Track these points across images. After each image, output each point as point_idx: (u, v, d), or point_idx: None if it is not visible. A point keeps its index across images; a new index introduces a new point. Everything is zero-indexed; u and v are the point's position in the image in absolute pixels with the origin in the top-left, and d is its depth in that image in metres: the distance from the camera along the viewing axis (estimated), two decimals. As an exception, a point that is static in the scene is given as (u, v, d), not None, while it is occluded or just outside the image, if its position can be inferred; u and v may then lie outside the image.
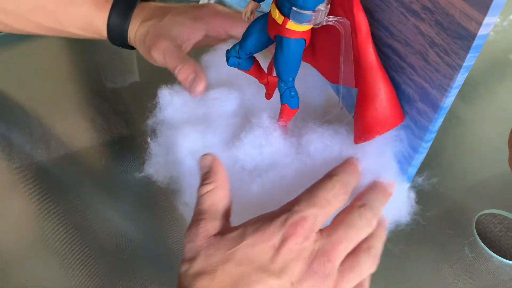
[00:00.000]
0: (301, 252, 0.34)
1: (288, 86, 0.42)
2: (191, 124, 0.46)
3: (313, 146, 0.44)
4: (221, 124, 0.46)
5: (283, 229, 0.34)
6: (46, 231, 0.52)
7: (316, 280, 0.34)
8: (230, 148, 0.44)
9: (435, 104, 0.37)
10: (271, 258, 0.34)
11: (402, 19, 0.38)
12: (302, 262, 0.34)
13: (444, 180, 0.60)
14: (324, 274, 0.34)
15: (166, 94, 0.49)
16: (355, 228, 0.37)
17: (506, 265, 0.52)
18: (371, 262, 0.38)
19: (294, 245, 0.34)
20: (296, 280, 0.34)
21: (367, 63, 0.39)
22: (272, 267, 0.33)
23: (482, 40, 0.32)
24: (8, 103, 0.67)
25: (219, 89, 0.49)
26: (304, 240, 0.34)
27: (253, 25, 0.43)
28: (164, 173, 0.47)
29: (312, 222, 0.35)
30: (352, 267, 0.36)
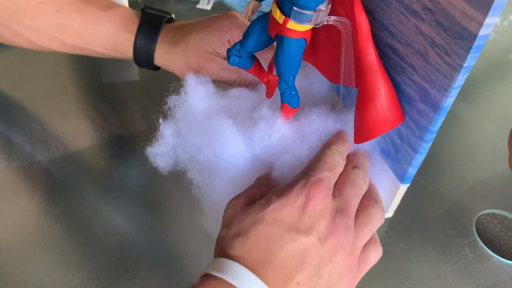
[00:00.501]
0: (324, 209, 0.38)
1: (289, 85, 0.42)
2: (216, 114, 0.48)
3: (315, 124, 0.46)
4: (242, 117, 0.48)
5: (305, 191, 0.38)
6: (46, 231, 0.52)
7: (339, 233, 0.37)
8: (247, 139, 0.46)
9: (436, 104, 0.37)
10: (298, 218, 0.37)
11: (403, 19, 0.38)
12: (325, 218, 0.37)
13: (444, 180, 0.60)
14: (346, 227, 0.38)
15: (192, 81, 0.51)
16: (358, 185, 0.41)
17: (506, 265, 0.52)
18: (380, 215, 0.42)
19: (317, 204, 0.37)
20: (322, 235, 0.37)
21: (368, 63, 0.39)
22: (300, 226, 0.36)
23: (482, 41, 0.32)
24: (8, 103, 0.67)
25: (241, 88, 0.52)
26: (324, 198, 0.38)
27: (254, 24, 0.43)
28: (170, 155, 0.49)
29: (327, 182, 0.39)
30: (365, 222, 0.40)
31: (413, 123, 0.41)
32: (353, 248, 0.38)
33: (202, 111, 0.49)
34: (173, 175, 0.58)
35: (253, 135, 0.45)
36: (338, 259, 0.37)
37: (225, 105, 0.50)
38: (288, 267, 0.35)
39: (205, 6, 0.87)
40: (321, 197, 0.38)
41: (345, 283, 0.38)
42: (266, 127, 0.45)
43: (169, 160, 0.49)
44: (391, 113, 0.40)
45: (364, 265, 0.40)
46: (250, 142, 0.45)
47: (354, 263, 0.38)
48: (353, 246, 0.38)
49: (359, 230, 0.39)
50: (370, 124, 0.41)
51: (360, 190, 0.42)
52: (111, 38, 0.60)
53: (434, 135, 0.40)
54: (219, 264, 0.35)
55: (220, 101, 0.50)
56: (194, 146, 0.47)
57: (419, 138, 0.41)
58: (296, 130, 0.46)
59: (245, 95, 0.51)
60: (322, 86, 0.52)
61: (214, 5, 0.87)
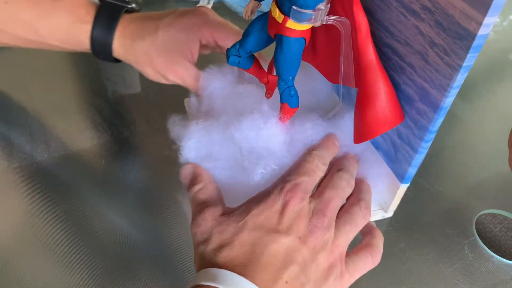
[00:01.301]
0: (300, 211, 0.39)
1: (288, 85, 0.42)
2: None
3: (307, 133, 0.46)
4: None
5: (282, 195, 0.39)
6: (46, 230, 0.52)
7: (318, 232, 0.39)
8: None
9: (435, 104, 0.37)
10: (277, 221, 0.38)
11: (402, 19, 0.38)
12: (303, 219, 0.39)
13: (444, 180, 0.60)
14: (323, 227, 0.39)
15: (207, 76, 0.53)
16: (339, 188, 0.43)
17: (506, 265, 0.52)
18: (363, 214, 0.43)
19: (294, 206, 0.39)
20: (302, 234, 0.38)
21: (367, 62, 0.39)
22: (280, 228, 0.38)
23: (482, 40, 0.32)
24: (8, 103, 0.67)
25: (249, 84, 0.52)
26: (301, 201, 0.39)
27: (253, 24, 0.43)
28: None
29: (304, 186, 0.40)
30: (345, 220, 0.41)
31: (413, 123, 0.41)
32: (333, 246, 0.39)
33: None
34: (173, 174, 0.58)
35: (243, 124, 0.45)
36: (320, 258, 0.38)
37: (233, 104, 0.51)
38: (274, 267, 0.36)
39: (205, 6, 0.87)
40: (297, 200, 0.39)
41: (332, 282, 0.39)
42: (260, 119, 0.45)
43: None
44: (390, 112, 0.40)
45: (352, 269, 0.41)
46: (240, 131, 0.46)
47: (336, 261, 0.39)
48: (333, 244, 0.39)
49: (339, 228, 0.41)
50: (370, 123, 0.41)
51: (341, 192, 0.43)
52: (66, 30, 0.57)
53: (434, 135, 0.40)
54: (208, 274, 0.36)
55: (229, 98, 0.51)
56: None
57: (419, 138, 0.41)
58: (286, 135, 0.46)
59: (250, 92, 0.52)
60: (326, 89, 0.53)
61: (214, 5, 0.87)
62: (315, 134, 0.46)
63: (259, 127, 0.45)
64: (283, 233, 0.37)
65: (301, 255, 0.37)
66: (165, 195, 0.57)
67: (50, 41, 0.58)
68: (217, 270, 0.35)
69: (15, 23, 0.57)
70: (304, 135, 0.46)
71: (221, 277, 0.35)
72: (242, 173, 0.45)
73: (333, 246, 0.39)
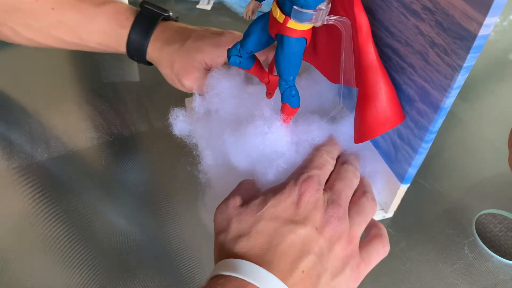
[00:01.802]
0: (316, 202, 0.40)
1: (289, 85, 0.42)
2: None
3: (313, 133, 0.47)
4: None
5: (297, 187, 0.41)
6: (46, 230, 0.52)
7: (333, 223, 0.40)
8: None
9: (435, 104, 0.37)
10: (294, 212, 0.39)
11: (403, 19, 0.38)
12: (319, 210, 0.40)
13: (444, 180, 0.60)
14: (339, 217, 0.40)
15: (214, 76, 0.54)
16: (347, 179, 0.44)
17: (506, 265, 0.52)
18: (371, 205, 0.44)
19: (309, 197, 0.40)
20: (319, 225, 0.39)
21: (368, 62, 0.39)
22: (297, 219, 0.39)
23: (482, 41, 0.32)
24: (8, 103, 0.67)
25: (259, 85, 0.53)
26: (315, 192, 0.40)
27: (254, 24, 0.43)
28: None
29: (317, 179, 0.42)
30: (357, 211, 0.43)
31: (413, 123, 0.41)
32: (349, 237, 0.40)
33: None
34: (173, 174, 0.58)
35: (247, 129, 0.46)
36: (337, 248, 0.39)
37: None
38: (291, 257, 0.37)
39: (205, 6, 0.87)
40: (312, 191, 0.40)
41: (349, 272, 0.40)
42: (264, 125, 0.45)
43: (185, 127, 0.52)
44: (391, 112, 0.40)
45: (367, 259, 0.42)
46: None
47: (353, 252, 0.40)
48: (348, 235, 0.40)
49: (352, 219, 0.42)
50: (370, 123, 0.41)
51: (350, 183, 0.44)
52: (106, 34, 0.60)
53: (434, 135, 0.40)
54: (227, 264, 0.37)
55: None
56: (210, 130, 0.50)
57: (419, 138, 0.41)
58: (292, 136, 0.46)
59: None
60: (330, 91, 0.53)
61: (214, 5, 0.87)
62: (321, 135, 0.47)
63: (264, 132, 0.45)
64: (300, 224, 0.38)
65: (318, 245, 0.38)
66: (165, 195, 0.57)
67: (90, 44, 0.62)
68: (236, 260, 0.36)
69: (60, 27, 0.60)
70: (310, 135, 0.47)
71: (240, 267, 0.36)
72: (255, 175, 0.46)
73: (349, 236, 0.40)
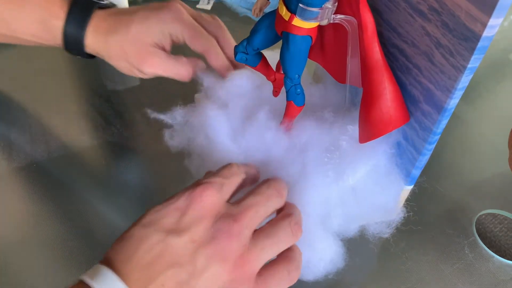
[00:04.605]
0: (207, 211, 0.36)
1: (294, 83, 0.42)
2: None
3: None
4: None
5: (188, 192, 0.36)
6: (46, 231, 0.52)
7: (220, 239, 0.35)
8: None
9: (439, 105, 0.37)
10: (177, 220, 0.35)
11: (410, 19, 0.38)
12: (207, 220, 0.35)
13: (444, 180, 0.60)
14: (230, 234, 0.35)
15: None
16: (264, 196, 0.38)
17: (506, 265, 0.52)
18: (292, 229, 0.38)
19: (200, 204, 0.35)
20: (198, 237, 0.34)
21: (373, 61, 0.39)
22: (175, 227, 0.34)
23: (487, 42, 0.32)
24: (8, 103, 0.67)
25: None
26: (211, 200, 0.36)
27: (261, 21, 0.44)
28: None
29: (218, 187, 0.37)
30: (267, 234, 0.37)
31: (418, 124, 0.41)
32: (241, 260, 0.35)
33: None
34: (173, 174, 0.58)
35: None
36: (217, 268, 0.34)
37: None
38: (153, 268, 0.33)
39: (205, 6, 0.87)
40: (205, 197, 0.36)
41: None
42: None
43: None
44: (395, 112, 0.40)
45: (264, 285, 0.36)
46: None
47: (243, 278, 0.35)
48: (241, 257, 0.35)
49: (256, 241, 0.36)
50: (375, 123, 0.41)
51: (267, 200, 0.38)
52: (38, 25, 0.56)
53: (438, 137, 0.40)
54: (93, 269, 0.33)
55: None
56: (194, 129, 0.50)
57: (423, 140, 0.41)
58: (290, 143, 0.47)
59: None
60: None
61: (214, 5, 0.87)
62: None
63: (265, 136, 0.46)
64: (175, 233, 0.34)
65: (191, 260, 0.34)
66: (165, 195, 0.56)
67: (23, 36, 0.57)
68: (99, 266, 0.33)
69: None
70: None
71: (97, 275, 0.32)
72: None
73: (241, 259, 0.35)
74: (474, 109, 0.72)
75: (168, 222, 0.35)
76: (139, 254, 0.33)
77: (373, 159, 0.45)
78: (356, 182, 0.45)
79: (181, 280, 0.33)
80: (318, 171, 0.44)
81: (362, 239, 0.49)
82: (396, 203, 0.49)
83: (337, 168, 0.45)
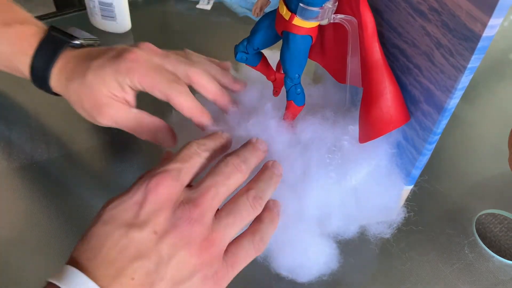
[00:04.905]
0: (165, 202, 0.35)
1: (294, 82, 0.42)
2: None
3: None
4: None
5: (145, 184, 0.35)
6: (45, 230, 0.52)
7: (182, 226, 0.35)
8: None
9: (440, 105, 0.37)
10: (135, 213, 0.35)
11: (410, 20, 0.38)
12: (166, 210, 0.35)
13: (444, 180, 0.60)
14: (191, 219, 0.35)
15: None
16: (223, 175, 0.38)
17: (506, 265, 0.52)
18: (251, 204, 0.38)
19: (157, 196, 0.35)
20: (160, 228, 0.34)
21: (373, 61, 0.39)
22: (135, 221, 0.34)
23: (487, 42, 0.32)
24: (8, 103, 0.67)
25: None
26: (167, 190, 0.35)
27: (261, 21, 0.44)
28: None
29: (175, 174, 0.36)
30: (229, 211, 0.37)
31: (418, 124, 0.41)
32: (206, 242, 0.35)
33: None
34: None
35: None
36: (182, 255, 0.35)
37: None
38: (120, 262, 0.33)
39: (205, 6, 0.87)
40: (161, 188, 0.35)
41: (198, 281, 0.35)
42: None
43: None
44: (396, 112, 0.40)
45: (232, 261, 0.37)
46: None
47: (211, 258, 0.36)
48: (206, 239, 0.35)
49: (219, 220, 0.37)
50: (375, 122, 0.41)
51: (225, 178, 0.38)
52: (7, 58, 0.55)
53: (438, 137, 0.40)
54: (60, 270, 0.33)
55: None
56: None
57: (423, 140, 0.41)
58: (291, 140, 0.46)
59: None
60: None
61: (214, 5, 0.87)
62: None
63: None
64: (136, 227, 0.34)
65: (155, 250, 0.34)
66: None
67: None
68: (66, 266, 0.33)
69: None
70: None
71: (64, 275, 0.33)
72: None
73: (207, 241, 0.35)
74: (474, 109, 0.72)
75: (127, 217, 0.35)
76: (103, 251, 0.33)
77: (375, 159, 0.45)
78: (358, 183, 0.45)
79: (149, 271, 0.33)
80: (320, 173, 0.44)
81: (362, 239, 0.49)
82: (397, 203, 0.49)
83: (339, 169, 0.44)
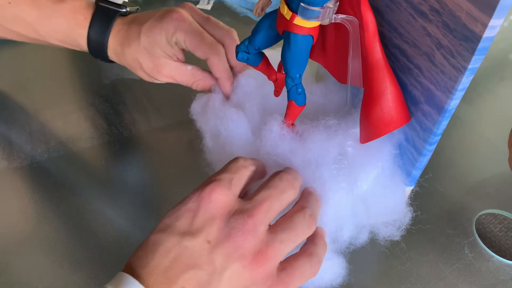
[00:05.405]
0: (218, 210, 0.36)
1: (295, 82, 0.42)
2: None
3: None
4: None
5: (198, 193, 0.36)
6: (46, 231, 0.52)
7: (235, 236, 0.35)
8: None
9: (440, 106, 0.37)
10: (190, 222, 0.35)
11: (411, 20, 0.38)
12: (219, 219, 0.35)
13: (444, 180, 0.60)
14: (245, 230, 0.35)
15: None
16: (278, 189, 0.38)
17: (506, 265, 0.52)
18: (307, 222, 0.38)
19: (210, 204, 0.36)
20: (213, 237, 0.35)
21: (374, 61, 0.39)
22: (189, 229, 0.35)
23: (487, 43, 0.32)
24: (8, 103, 0.67)
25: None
26: (220, 198, 0.36)
27: (263, 21, 0.43)
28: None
29: (226, 183, 0.37)
30: (284, 228, 0.37)
31: (418, 125, 0.41)
32: (261, 256, 0.35)
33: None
34: (173, 174, 0.58)
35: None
36: (238, 266, 0.34)
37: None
38: (172, 271, 0.33)
39: (205, 6, 0.87)
40: (213, 197, 0.36)
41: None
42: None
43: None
44: (396, 112, 0.40)
45: (287, 280, 0.36)
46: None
47: (266, 273, 0.35)
48: (260, 253, 0.35)
49: (274, 235, 0.36)
50: (376, 123, 0.40)
51: (280, 193, 0.38)
52: (65, 33, 0.60)
53: (438, 138, 0.40)
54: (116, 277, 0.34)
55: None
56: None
57: (424, 140, 0.41)
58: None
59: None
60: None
61: (214, 5, 0.87)
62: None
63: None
64: (189, 235, 0.34)
65: (208, 260, 0.34)
66: (165, 195, 0.57)
67: (50, 41, 0.61)
68: (121, 273, 0.33)
69: (17, 22, 0.59)
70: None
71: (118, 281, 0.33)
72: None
73: (261, 255, 0.35)
74: (474, 109, 0.72)
75: (181, 225, 0.35)
76: (156, 258, 0.34)
77: (380, 161, 0.45)
78: (368, 187, 0.45)
79: (202, 282, 0.33)
80: (332, 188, 0.43)
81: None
82: (403, 204, 0.48)
83: (348, 176, 0.44)
